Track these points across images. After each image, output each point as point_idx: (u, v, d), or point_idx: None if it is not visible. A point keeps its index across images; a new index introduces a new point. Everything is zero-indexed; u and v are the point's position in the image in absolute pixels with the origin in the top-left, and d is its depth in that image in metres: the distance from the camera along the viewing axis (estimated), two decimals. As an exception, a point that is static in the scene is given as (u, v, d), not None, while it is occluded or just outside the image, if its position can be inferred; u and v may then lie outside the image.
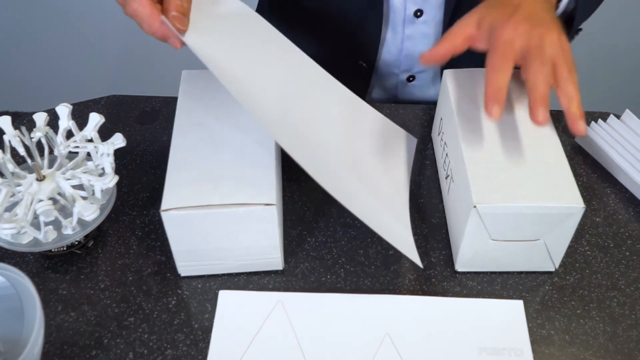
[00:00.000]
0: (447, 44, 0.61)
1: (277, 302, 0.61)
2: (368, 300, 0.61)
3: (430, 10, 0.79)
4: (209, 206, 0.57)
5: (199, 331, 0.59)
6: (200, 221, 0.58)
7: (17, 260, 0.64)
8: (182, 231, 0.59)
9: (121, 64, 1.91)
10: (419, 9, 0.79)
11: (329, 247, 0.66)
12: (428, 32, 0.81)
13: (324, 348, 0.58)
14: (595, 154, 0.75)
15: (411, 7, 0.79)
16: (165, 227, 0.58)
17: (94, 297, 0.62)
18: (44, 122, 0.63)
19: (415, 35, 0.81)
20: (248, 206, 0.57)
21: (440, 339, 0.58)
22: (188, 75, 0.69)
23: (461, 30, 0.61)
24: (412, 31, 0.81)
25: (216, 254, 0.62)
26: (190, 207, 0.57)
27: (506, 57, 0.57)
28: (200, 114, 0.65)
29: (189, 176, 0.59)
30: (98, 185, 0.61)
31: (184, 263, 0.62)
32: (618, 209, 0.69)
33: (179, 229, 0.58)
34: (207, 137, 0.63)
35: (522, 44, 0.58)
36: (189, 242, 0.60)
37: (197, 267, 0.63)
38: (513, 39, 0.58)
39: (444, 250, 0.65)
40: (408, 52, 0.84)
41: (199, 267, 0.63)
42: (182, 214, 0.57)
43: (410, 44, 0.82)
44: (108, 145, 0.62)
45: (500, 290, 0.62)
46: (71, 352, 0.58)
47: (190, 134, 0.63)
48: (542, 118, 0.55)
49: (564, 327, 0.60)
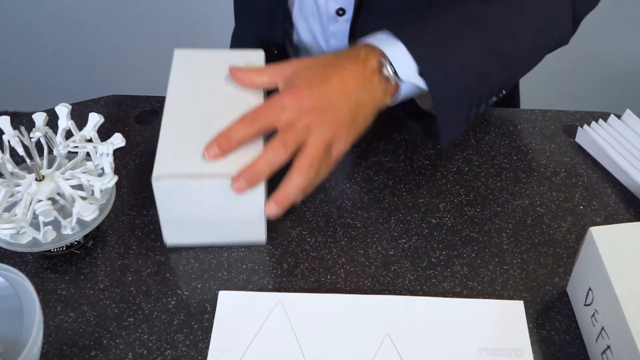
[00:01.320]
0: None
1: (277, 302, 0.61)
2: (368, 300, 0.61)
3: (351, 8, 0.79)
4: (200, 176, 0.59)
5: (198, 331, 0.59)
6: (190, 190, 0.60)
7: (16, 261, 0.64)
8: (172, 200, 0.61)
9: (121, 64, 1.91)
10: (341, 8, 0.79)
11: (329, 247, 0.66)
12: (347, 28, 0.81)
13: (324, 348, 0.58)
14: (595, 154, 0.74)
15: (333, 6, 0.79)
16: (156, 195, 0.60)
17: (93, 297, 0.62)
18: (43, 122, 0.63)
19: (339, 33, 0.82)
20: None
21: (440, 339, 0.58)
22: (181, 54, 0.71)
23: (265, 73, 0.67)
24: (336, 29, 0.82)
25: (202, 224, 0.63)
26: (181, 177, 0.59)
27: (258, 116, 0.61)
28: (192, 91, 0.67)
29: (180, 148, 0.61)
30: (97, 185, 0.61)
31: (170, 232, 0.64)
32: (618, 209, 0.69)
33: (168, 198, 0.61)
34: (199, 112, 0.65)
35: (290, 116, 0.61)
36: (177, 211, 0.62)
37: (183, 237, 0.65)
38: (287, 107, 0.61)
39: (444, 250, 0.65)
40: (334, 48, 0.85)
41: (185, 236, 0.65)
42: (173, 183, 0.59)
43: (336, 42, 0.83)
44: (107, 145, 0.62)
45: (500, 290, 0.62)
46: (70, 352, 0.58)
47: (182, 109, 0.65)
48: (237, 189, 0.59)
49: (564, 327, 0.60)
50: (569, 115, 0.80)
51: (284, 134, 0.60)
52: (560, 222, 0.68)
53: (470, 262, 0.64)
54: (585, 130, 0.75)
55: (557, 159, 0.75)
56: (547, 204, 0.70)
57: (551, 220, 0.68)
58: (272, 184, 0.62)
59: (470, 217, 0.67)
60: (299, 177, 0.60)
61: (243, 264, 0.64)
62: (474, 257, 0.65)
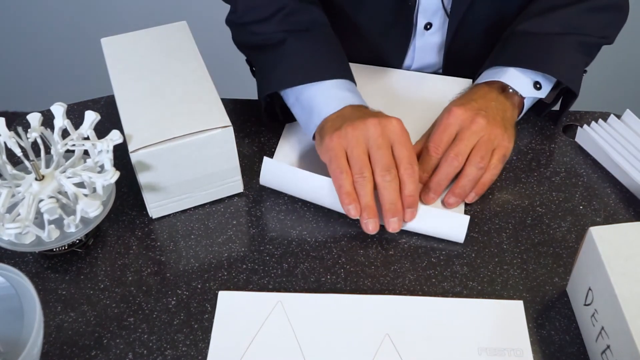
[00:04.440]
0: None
1: (277, 302, 0.61)
2: (368, 300, 0.61)
3: (437, 20, 0.82)
4: (173, 139, 0.63)
5: (198, 331, 0.59)
6: (168, 155, 0.63)
7: (16, 261, 0.64)
8: (151, 169, 0.64)
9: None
10: (428, 22, 0.81)
11: (329, 247, 0.66)
12: (436, 41, 0.83)
13: (324, 348, 0.58)
14: (595, 154, 0.74)
15: (422, 21, 0.81)
16: (135, 168, 0.63)
17: (93, 297, 0.62)
18: (38, 122, 0.63)
19: (425, 47, 0.84)
20: (208, 132, 0.63)
21: (440, 339, 0.58)
22: (108, 41, 0.75)
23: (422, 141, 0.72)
24: (422, 43, 0.83)
25: (184, 188, 0.67)
26: (156, 144, 0.62)
27: (440, 143, 0.68)
28: (133, 70, 0.70)
29: (145, 120, 0.65)
30: (99, 182, 0.61)
31: (154, 204, 0.67)
32: (618, 209, 0.69)
33: (148, 167, 0.64)
34: (148, 86, 0.68)
35: (460, 129, 0.68)
36: (157, 179, 0.65)
37: (167, 206, 0.68)
38: (453, 123, 0.69)
39: (444, 250, 0.65)
40: (418, 64, 0.87)
41: (169, 205, 0.68)
42: (150, 151, 0.62)
43: (420, 55, 0.85)
44: (107, 141, 0.62)
45: (500, 290, 0.62)
46: (71, 352, 0.58)
47: (131, 87, 0.69)
48: (430, 200, 0.69)
49: (564, 327, 0.60)
50: (569, 115, 0.80)
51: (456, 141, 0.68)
52: (560, 222, 0.68)
53: (470, 262, 0.64)
54: (585, 130, 0.75)
55: (557, 159, 0.75)
56: (547, 204, 0.70)
57: (551, 220, 0.68)
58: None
59: (470, 217, 0.67)
60: (472, 169, 0.68)
61: (243, 264, 0.64)
62: (474, 257, 0.65)
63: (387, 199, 0.64)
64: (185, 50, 0.73)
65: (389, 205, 0.64)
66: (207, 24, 1.10)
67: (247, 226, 0.68)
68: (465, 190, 0.67)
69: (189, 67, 0.70)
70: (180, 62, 0.71)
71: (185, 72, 0.69)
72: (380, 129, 0.65)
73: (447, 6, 0.78)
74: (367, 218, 0.64)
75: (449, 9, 0.78)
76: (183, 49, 0.73)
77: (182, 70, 0.70)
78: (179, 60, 0.71)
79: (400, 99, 0.80)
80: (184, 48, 0.73)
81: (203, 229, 0.68)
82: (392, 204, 0.64)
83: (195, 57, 0.72)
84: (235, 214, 0.69)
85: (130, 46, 0.73)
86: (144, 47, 0.73)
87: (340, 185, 0.64)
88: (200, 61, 0.71)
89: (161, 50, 0.72)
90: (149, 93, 0.67)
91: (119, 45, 0.74)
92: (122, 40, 0.74)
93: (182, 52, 0.72)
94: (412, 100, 0.79)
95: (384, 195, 0.64)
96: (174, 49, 0.73)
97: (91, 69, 1.93)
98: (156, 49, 0.73)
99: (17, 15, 1.82)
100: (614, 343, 0.52)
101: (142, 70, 0.70)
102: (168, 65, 0.71)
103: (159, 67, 0.70)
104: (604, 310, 0.54)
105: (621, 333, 0.51)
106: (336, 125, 0.67)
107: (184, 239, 0.67)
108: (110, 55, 0.73)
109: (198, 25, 0.88)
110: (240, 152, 0.71)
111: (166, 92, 0.67)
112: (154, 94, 0.67)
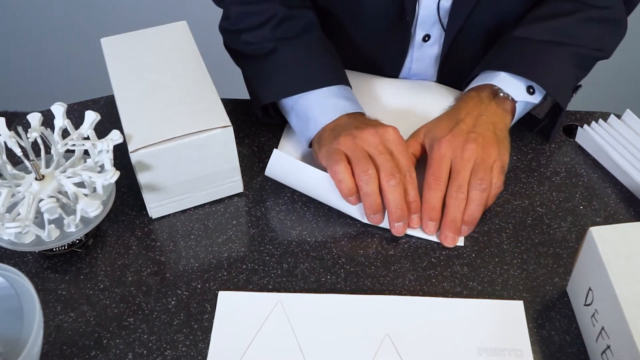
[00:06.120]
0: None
1: (277, 302, 0.61)
2: (368, 301, 0.61)
3: (435, 32, 0.81)
4: (173, 139, 0.63)
5: (198, 332, 0.59)
6: (167, 155, 0.63)
7: (16, 261, 0.64)
8: (151, 169, 0.64)
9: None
10: (427, 34, 0.81)
11: (328, 247, 0.66)
12: (434, 53, 0.83)
13: (324, 348, 0.58)
14: (595, 154, 0.74)
15: (420, 33, 0.81)
16: (135, 168, 0.63)
17: (93, 297, 0.62)
18: (38, 122, 0.63)
19: (422, 58, 0.84)
20: (208, 132, 0.63)
21: (440, 339, 0.58)
22: (108, 41, 0.74)
23: (411, 145, 0.71)
24: (420, 54, 0.83)
25: (184, 188, 0.67)
26: (156, 144, 0.62)
27: (440, 175, 0.66)
28: (133, 70, 0.70)
29: (145, 120, 0.65)
30: (100, 182, 0.61)
31: (154, 204, 0.67)
32: (619, 209, 0.69)
33: (148, 167, 0.63)
34: (148, 86, 0.68)
35: (453, 157, 0.66)
36: (157, 179, 0.65)
37: (167, 206, 0.68)
38: (446, 154, 0.67)
39: (444, 250, 0.65)
40: (414, 74, 0.86)
41: (169, 205, 0.68)
42: (150, 151, 0.62)
43: (417, 66, 0.85)
44: (107, 141, 0.62)
45: (500, 290, 0.62)
46: (70, 352, 0.58)
47: (131, 87, 0.68)
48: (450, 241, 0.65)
49: (564, 327, 0.59)
50: (569, 115, 0.80)
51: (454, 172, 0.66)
52: (560, 222, 0.68)
53: (470, 262, 0.64)
54: (585, 130, 0.75)
55: (557, 159, 0.75)
56: (547, 204, 0.70)
57: (551, 220, 0.68)
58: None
59: (470, 217, 0.67)
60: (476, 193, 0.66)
61: (243, 264, 0.64)
62: (474, 257, 0.65)
63: (393, 203, 0.64)
64: (185, 50, 0.73)
65: (395, 209, 0.64)
66: (207, 24, 1.10)
67: (247, 226, 0.68)
68: (475, 215, 0.66)
69: (189, 67, 0.70)
70: (180, 62, 0.71)
71: (185, 72, 0.70)
72: (379, 138, 0.66)
73: (443, 19, 0.78)
74: (374, 214, 0.65)
75: (446, 23, 0.78)
76: (183, 49, 0.73)
77: (182, 70, 0.70)
78: (179, 60, 0.71)
79: (396, 107, 0.80)
80: (184, 48, 0.73)
81: (203, 229, 0.68)
82: (399, 208, 0.64)
83: (195, 57, 0.72)
84: (235, 214, 0.69)
85: (130, 46, 0.73)
86: (143, 47, 0.73)
87: (341, 180, 0.64)
88: (200, 61, 0.71)
89: (161, 50, 0.72)
90: (149, 93, 0.67)
91: (119, 45, 0.74)
92: (122, 40, 0.74)
93: (182, 52, 0.72)
94: (408, 108, 0.79)
95: (389, 199, 0.64)
96: (173, 49, 0.73)
97: (91, 69, 1.93)
98: (156, 49, 0.73)
99: (17, 15, 1.82)
100: (614, 343, 0.52)
101: (142, 70, 0.70)
102: (168, 65, 0.71)
103: (158, 67, 0.70)
104: (604, 310, 0.54)
105: (621, 333, 0.51)
106: (334, 135, 0.67)
107: (184, 239, 0.67)
108: (110, 55, 0.73)
109: (198, 25, 0.88)
110: (240, 152, 0.71)
111: (166, 92, 0.67)
112: (154, 94, 0.67)
